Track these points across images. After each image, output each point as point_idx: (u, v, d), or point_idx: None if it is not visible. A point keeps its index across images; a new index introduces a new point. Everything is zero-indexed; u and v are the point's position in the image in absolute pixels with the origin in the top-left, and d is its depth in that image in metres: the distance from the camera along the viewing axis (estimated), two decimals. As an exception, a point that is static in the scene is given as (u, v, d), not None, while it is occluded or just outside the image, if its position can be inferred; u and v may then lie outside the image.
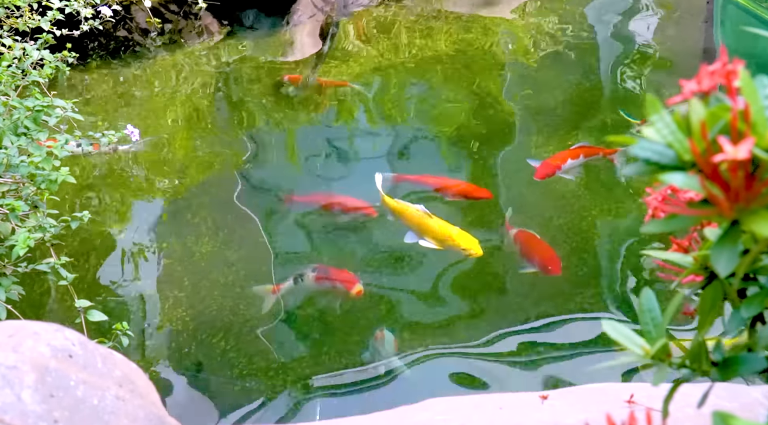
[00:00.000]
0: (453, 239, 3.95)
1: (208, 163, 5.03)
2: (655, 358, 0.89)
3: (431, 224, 4.03)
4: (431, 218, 4.06)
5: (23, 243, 2.54)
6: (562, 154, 4.56)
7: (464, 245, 3.92)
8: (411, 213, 4.13)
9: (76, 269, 3.68)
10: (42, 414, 1.33)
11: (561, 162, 4.48)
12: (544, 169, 4.44)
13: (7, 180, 2.84)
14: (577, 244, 4.10)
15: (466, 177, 4.78)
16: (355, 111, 5.66)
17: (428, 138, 5.26)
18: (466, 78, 5.94)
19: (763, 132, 0.73)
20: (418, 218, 4.08)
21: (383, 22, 6.76)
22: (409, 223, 4.11)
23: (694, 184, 0.75)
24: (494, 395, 2.09)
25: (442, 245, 3.96)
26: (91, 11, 3.86)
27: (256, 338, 3.63)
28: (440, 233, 3.99)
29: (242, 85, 5.89)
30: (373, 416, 2.05)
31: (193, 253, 4.16)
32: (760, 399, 1.75)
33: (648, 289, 0.97)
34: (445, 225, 4.04)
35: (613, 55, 6.18)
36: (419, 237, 4.03)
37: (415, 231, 4.06)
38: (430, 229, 4.02)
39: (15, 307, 2.69)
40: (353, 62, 6.14)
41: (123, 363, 1.61)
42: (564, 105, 5.49)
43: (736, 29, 5.60)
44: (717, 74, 0.76)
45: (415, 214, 4.11)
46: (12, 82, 3.19)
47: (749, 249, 0.80)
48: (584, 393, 1.98)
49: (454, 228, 4.01)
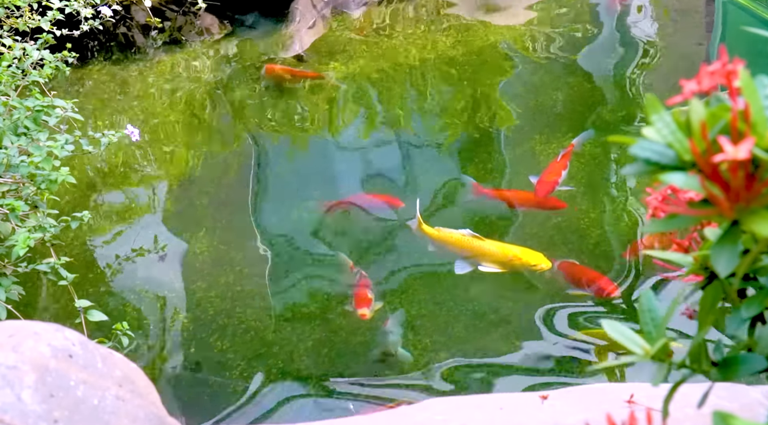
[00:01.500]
0: (519, 258, 3.68)
1: (208, 162, 5.03)
2: (655, 358, 0.89)
3: (488, 247, 3.75)
4: (484, 240, 3.77)
5: (23, 244, 2.54)
6: (555, 167, 4.39)
7: (533, 261, 3.66)
8: (459, 240, 3.82)
9: (76, 269, 3.68)
10: (42, 414, 1.33)
11: (557, 176, 4.32)
12: (544, 187, 4.26)
13: (7, 180, 2.84)
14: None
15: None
16: (355, 114, 5.66)
17: (429, 142, 5.26)
18: (467, 78, 5.94)
19: (763, 132, 0.73)
20: (469, 243, 3.78)
21: (383, 22, 6.76)
22: (459, 251, 3.80)
23: (694, 184, 0.75)
24: (494, 395, 2.09)
25: (506, 267, 3.68)
26: (91, 11, 3.86)
27: (256, 338, 3.63)
28: (502, 255, 3.71)
29: (242, 84, 5.88)
30: (373, 416, 2.05)
31: (194, 253, 4.17)
32: (760, 399, 1.75)
33: (648, 289, 0.97)
34: (503, 245, 3.77)
35: (613, 55, 6.18)
36: (475, 263, 3.72)
37: (468, 257, 3.75)
38: (489, 253, 3.73)
39: (15, 307, 2.69)
40: (352, 62, 6.13)
41: (123, 363, 1.62)
42: (564, 105, 5.49)
43: (736, 29, 5.60)
44: (717, 74, 0.76)
45: (464, 240, 3.80)
46: (12, 82, 3.19)
47: (749, 250, 0.80)
48: (584, 393, 1.98)
49: (514, 247, 3.75)
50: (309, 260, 4.10)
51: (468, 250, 3.77)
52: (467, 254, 3.77)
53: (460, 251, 3.80)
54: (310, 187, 4.68)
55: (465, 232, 3.83)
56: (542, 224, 4.20)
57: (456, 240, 3.84)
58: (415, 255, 4.01)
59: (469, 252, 3.77)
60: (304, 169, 5.00)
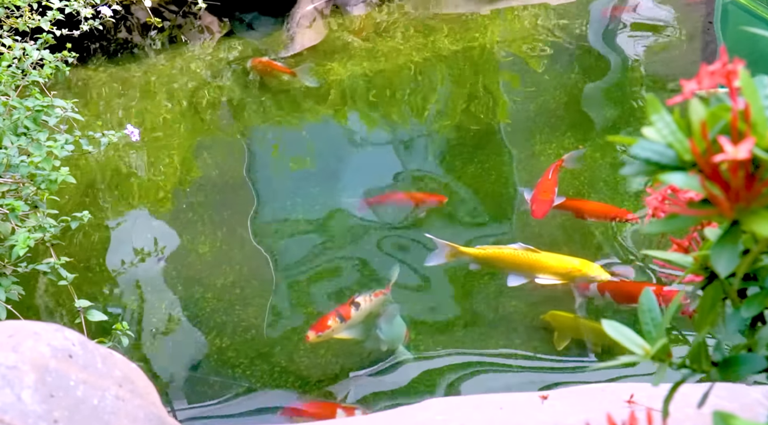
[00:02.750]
0: (579, 269, 3.59)
1: (208, 161, 5.03)
2: (655, 358, 0.89)
3: (545, 260, 3.65)
4: (539, 253, 3.67)
5: (23, 244, 2.54)
6: (546, 185, 4.15)
7: (593, 272, 3.56)
8: (511, 255, 3.70)
9: (76, 269, 3.68)
10: (42, 414, 1.33)
11: (551, 193, 4.11)
12: (541, 206, 4.04)
13: (7, 180, 2.84)
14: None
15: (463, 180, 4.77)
16: (354, 115, 5.66)
17: (427, 139, 5.25)
18: (466, 78, 5.95)
19: (764, 132, 0.74)
20: (525, 257, 3.66)
21: (383, 22, 6.76)
22: (511, 267, 3.69)
23: (694, 184, 0.75)
24: (494, 395, 2.09)
25: (566, 278, 3.60)
26: (91, 11, 3.86)
27: (256, 338, 3.63)
28: (560, 266, 3.62)
29: (242, 84, 5.88)
30: (373, 416, 2.05)
31: (195, 253, 4.17)
32: (760, 399, 1.75)
33: (648, 289, 0.97)
34: (558, 256, 3.69)
35: (613, 55, 6.18)
36: (529, 277, 3.62)
37: (522, 272, 3.65)
38: (546, 265, 3.63)
39: (15, 307, 2.69)
40: (351, 62, 6.13)
41: (123, 363, 1.62)
42: (565, 106, 5.49)
43: (736, 29, 5.60)
44: (717, 74, 0.76)
45: (517, 254, 3.68)
46: (12, 82, 3.19)
47: (749, 249, 0.80)
48: (584, 393, 1.98)
49: (570, 258, 3.67)
50: (310, 263, 4.11)
51: (524, 265, 3.66)
52: (520, 269, 3.66)
53: (515, 267, 3.68)
54: (310, 187, 4.68)
55: (516, 246, 3.72)
56: (546, 223, 4.19)
57: (509, 256, 3.71)
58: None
59: (525, 266, 3.66)
60: (304, 169, 5.00)
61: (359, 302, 3.60)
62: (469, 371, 3.41)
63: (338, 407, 3.28)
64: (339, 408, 3.27)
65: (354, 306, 3.58)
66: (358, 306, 3.58)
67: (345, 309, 3.56)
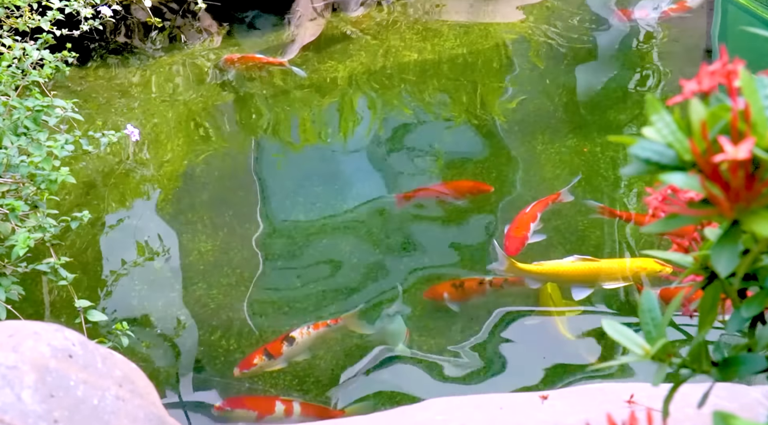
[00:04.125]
0: (644, 268, 3.53)
1: (208, 161, 5.03)
2: (655, 358, 0.89)
3: (607, 266, 3.62)
4: (598, 260, 3.64)
5: (23, 243, 2.54)
6: (522, 220, 4.04)
7: (657, 268, 3.47)
8: (570, 268, 3.63)
9: (76, 269, 3.68)
10: (42, 414, 1.33)
11: (525, 230, 3.96)
12: (514, 243, 3.90)
13: (7, 180, 2.84)
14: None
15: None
16: (354, 115, 5.66)
17: (427, 142, 5.25)
18: (467, 78, 5.94)
19: (764, 132, 0.74)
20: (586, 268, 3.61)
21: (383, 22, 6.76)
22: (573, 280, 3.61)
23: (694, 184, 0.75)
24: (494, 395, 2.09)
25: (632, 280, 3.55)
26: (91, 11, 3.86)
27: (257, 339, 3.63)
28: (624, 269, 3.59)
29: (242, 84, 5.88)
30: (373, 416, 2.05)
31: (197, 252, 4.17)
32: (760, 399, 1.75)
33: (648, 289, 0.97)
34: (619, 260, 3.67)
35: (613, 54, 6.18)
36: (597, 285, 3.56)
37: (585, 282, 3.58)
38: (609, 271, 3.59)
39: (15, 307, 2.69)
40: (351, 62, 6.13)
41: (123, 363, 1.62)
42: (565, 106, 5.49)
43: (736, 29, 5.60)
44: (717, 74, 0.76)
45: (577, 266, 3.62)
46: (12, 82, 3.19)
47: (749, 249, 0.80)
48: (584, 393, 1.98)
49: (630, 260, 3.65)
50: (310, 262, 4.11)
51: (587, 276, 3.60)
52: (583, 280, 3.59)
53: (577, 279, 3.61)
54: (311, 187, 4.68)
55: (573, 258, 3.66)
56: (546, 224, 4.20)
57: (567, 270, 3.64)
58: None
59: (588, 276, 3.60)
60: (304, 168, 5.00)
61: (294, 337, 3.41)
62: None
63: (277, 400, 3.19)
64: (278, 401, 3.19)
65: (287, 341, 3.40)
66: (292, 342, 3.39)
67: (275, 345, 3.39)
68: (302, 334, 3.43)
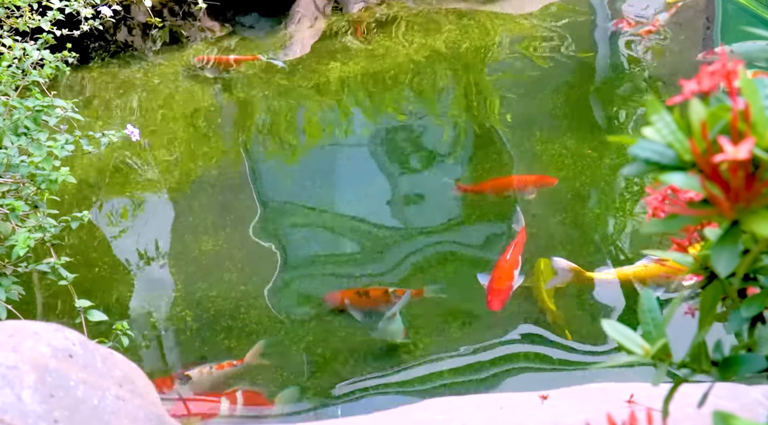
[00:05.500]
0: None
1: (209, 161, 5.03)
2: (655, 358, 0.89)
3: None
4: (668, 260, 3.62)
5: (23, 243, 2.54)
6: (504, 268, 3.76)
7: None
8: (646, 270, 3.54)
9: (75, 268, 3.68)
10: (42, 414, 1.33)
11: (508, 279, 3.71)
12: (498, 296, 3.65)
13: (7, 180, 2.83)
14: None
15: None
16: (354, 115, 5.66)
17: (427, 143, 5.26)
18: (467, 78, 5.94)
19: (763, 132, 0.73)
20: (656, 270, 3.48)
21: (383, 21, 6.76)
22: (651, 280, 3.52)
23: (694, 184, 0.75)
24: (494, 395, 2.09)
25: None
26: (91, 11, 3.85)
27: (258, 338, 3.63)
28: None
29: (243, 84, 5.88)
30: (373, 416, 2.05)
31: (198, 252, 4.17)
32: (760, 399, 1.75)
33: (648, 289, 0.97)
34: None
35: (613, 54, 6.18)
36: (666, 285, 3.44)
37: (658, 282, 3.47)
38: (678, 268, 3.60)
39: (15, 307, 2.69)
40: (352, 61, 6.13)
41: (123, 363, 1.61)
42: (564, 107, 5.49)
43: (736, 29, 5.60)
44: (717, 74, 0.76)
45: (654, 266, 3.50)
46: (12, 82, 3.19)
47: (749, 249, 0.80)
48: (584, 393, 1.98)
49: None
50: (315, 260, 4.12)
51: (666, 276, 3.47)
52: (666, 281, 3.49)
53: (652, 280, 3.52)
54: (312, 187, 4.68)
55: (646, 261, 3.57)
56: (545, 223, 4.20)
57: (644, 272, 3.55)
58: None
59: (668, 277, 3.47)
60: (303, 168, 5.00)
61: (189, 375, 3.15)
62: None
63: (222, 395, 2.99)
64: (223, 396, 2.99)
65: (180, 380, 3.12)
66: (187, 381, 3.12)
67: (164, 381, 3.13)
68: (202, 373, 3.18)
